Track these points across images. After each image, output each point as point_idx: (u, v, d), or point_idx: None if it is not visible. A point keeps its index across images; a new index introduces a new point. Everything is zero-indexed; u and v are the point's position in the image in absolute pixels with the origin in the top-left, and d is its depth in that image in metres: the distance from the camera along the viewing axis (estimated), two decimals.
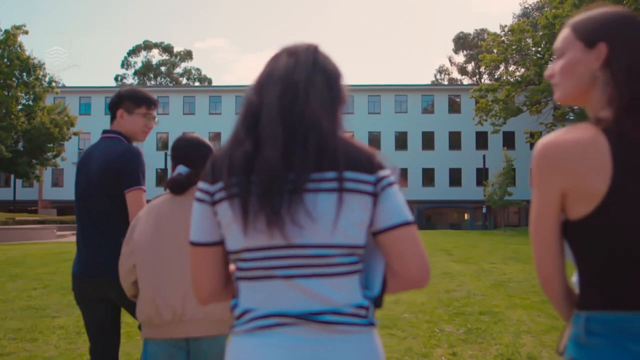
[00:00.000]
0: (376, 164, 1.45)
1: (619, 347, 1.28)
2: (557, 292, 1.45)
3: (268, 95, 1.43)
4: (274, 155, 1.35)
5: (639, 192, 1.30)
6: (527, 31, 42.74)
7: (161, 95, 55.38)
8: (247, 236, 1.37)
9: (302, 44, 1.57)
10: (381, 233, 1.41)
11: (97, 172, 2.97)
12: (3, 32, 34.36)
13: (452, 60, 76.83)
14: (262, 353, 1.36)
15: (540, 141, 1.45)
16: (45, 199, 51.87)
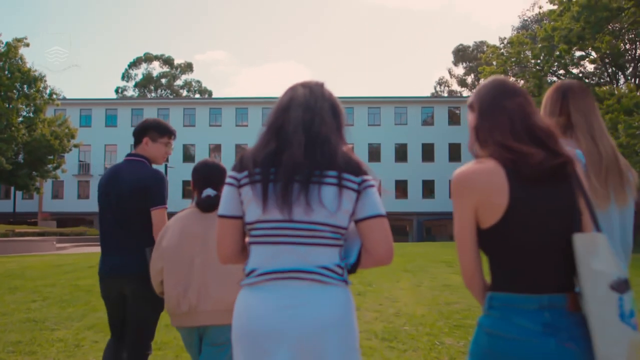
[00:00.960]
0: (362, 171, 1.98)
1: (506, 318, 1.80)
2: (477, 286, 1.92)
3: (293, 114, 1.99)
4: (298, 153, 1.91)
5: (529, 205, 1.80)
6: (526, 44, 42.87)
7: (161, 107, 55.52)
8: (263, 211, 1.90)
9: (312, 80, 2.13)
10: (360, 221, 1.94)
11: (128, 189, 3.50)
12: (4, 44, 34.49)
13: (452, 73, 77.26)
14: (255, 300, 1.90)
15: (456, 171, 1.89)
16: (45, 211, 51.81)
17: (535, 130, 1.89)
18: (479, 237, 1.87)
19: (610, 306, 1.72)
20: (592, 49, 39.74)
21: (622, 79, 45.14)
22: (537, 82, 41.30)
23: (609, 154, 2.44)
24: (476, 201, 1.83)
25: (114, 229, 3.55)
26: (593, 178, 2.39)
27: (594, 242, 1.78)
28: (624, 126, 27.61)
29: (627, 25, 36.70)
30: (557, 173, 1.85)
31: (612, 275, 1.74)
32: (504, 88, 2.01)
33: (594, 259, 1.76)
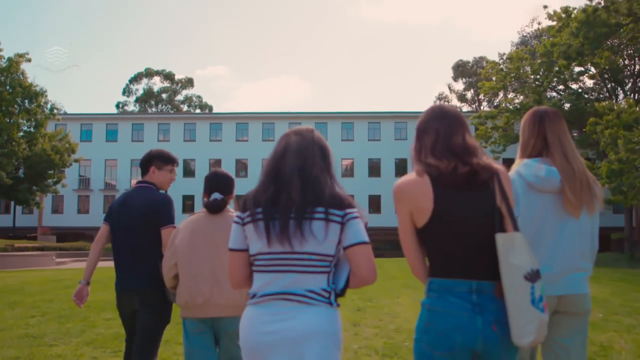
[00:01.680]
0: (346, 205, 2.28)
1: (442, 298, 2.23)
2: (421, 273, 2.36)
3: (287, 160, 2.34)
4: (295, 195, 2.25)
5: (451, 207, 2.24)
6: (526, 59, 43.02)
7: (162, 122, 55.65)
8: (266, 245, 2.26)
9: (303, 127, 2.53)
10: (346, 248, 2.25)
11: (140, 212, 3.96)
12: (6, 59, 34.63)
13: (452, 88, 77.35)
14: (255, 317, 2.27)
15: (395, 183, 2.36)
16: (45, 226, 51.75)
17: (454, 148, 2.35)
18: (418, 235, 2.33)
19: (523, 293, 2.15)
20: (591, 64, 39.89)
21: (622, 95, 45.26)
22: (536, 97, 41.42)
23: (580, 170, 2.80)
24: (410, 206, 2.30)
25: (126, 248, 4.00)
26: (568, 191, 2.75)
27: (513, 240, 2.19)
28: (624, 141, 27.62)
29: (626, 41, 36.85)
30: (474, 181, 2.28)
31: (526, 268, 2.16)
32: (435, 113, 2.49)
33: (512, 255, 2.17)
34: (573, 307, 2.83)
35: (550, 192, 2.78)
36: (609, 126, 29.86)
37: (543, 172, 2.78)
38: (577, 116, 40.94)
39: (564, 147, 2.86)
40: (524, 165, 2.86)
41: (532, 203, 2.78)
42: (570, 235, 2.79)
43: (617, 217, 47.75)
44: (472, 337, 2.17)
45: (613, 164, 28.62)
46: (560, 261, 2.77)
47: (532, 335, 2.12)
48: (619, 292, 12.68)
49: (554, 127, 2.93)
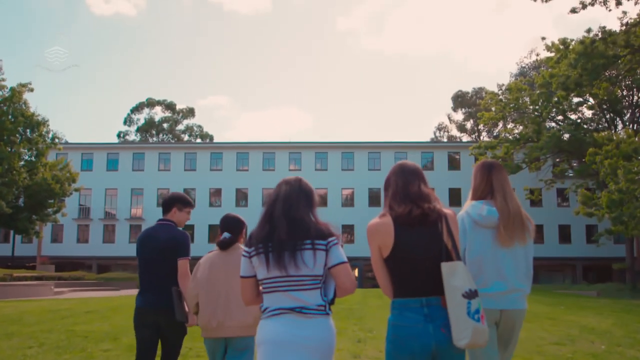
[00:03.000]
0: (328, 234, 2.95)
1: (401, 314, 2.91)
2: (388, 292, 3.02)
3: (278, 205, 3.03)
4: (283, 233, 2.94)
5: (407, 242, 2.91)
6: (524, 90, 43.34)
7: (163, 151, 55.82)
8: (267, 272, 2.93)
9: (292, 177, 3.15)
10: (331, 268, 2.94)
11: (162, 245, 4.73)
12: (9, 89, 34.88)
13: (451, 118, 77.75)
14: (270, 327, 2.91)
15: (369, 223, 3.04)
16: (44, 255, 51.53)
17: (410, 195, 3.04)
18: (385, 263, 2.99)
19: (461, 307, 2.82)
20: (590, 95, 40.21)
21: (620, 125, 45.44)
22: (535, 127, 41.61)
23: (515, 210, 3.54)
24: (378, 241, 2.98)
25: (148, 274, 4.76)
26: (501, 227, 3.48)
27: (454, 267, 2.88)
28: (624, 171, 27.67)
29: (624, 72, 37.20)
30: (425, 221, 2.96)
31: (464, 288, 2.85)
32: (396, 169, 3.23)
33: (453, 278, 2.86)
34: (512, 319, 3.52)
35: (490, 227, 3.51)
36: (608, 156, 29.95)
37: (485, 211, 3.53)
38: (576, 146, 41.07)
39: (504, 192, 3.61)
40: (472, 206, 3.62)
41: (476, 236, 3.52)
42: (507, 262, 3.50)
43: (618, 248, 47.57)
44: (427, 341, 2.84)
45: (613, 194, 28.63)
46: (500, 282, 3.47)
47: (467, 339, 2.79)
48: (622, 323, 12.57)
49: (498, 177, 3.68)
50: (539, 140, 40.83)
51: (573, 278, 51.50)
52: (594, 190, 40.01)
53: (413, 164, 3.25)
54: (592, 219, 38.10)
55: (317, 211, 3.12)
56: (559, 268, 53.79)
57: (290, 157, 54.54)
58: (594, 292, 33.23)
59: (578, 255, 51.39)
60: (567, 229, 52.19)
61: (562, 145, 41.78)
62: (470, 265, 3.43)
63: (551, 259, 51.73)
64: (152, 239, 4.80)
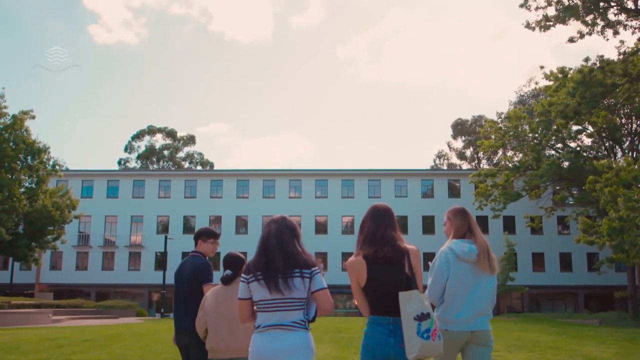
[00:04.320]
0: (312, 265, 3.61)
1: (373, 327, 3.67)
2: (365, 313, 3.75)
3: (272, 241, 3.69)
4: (279, 263, 3.58)
5: (376, 277, 3.65)
6: (524, 118, 43.55)
7: (163, 178, 55.90)
8: (265, 294, 3.56)
9: (278, 216, 3.84)
10: (313, 292, 3.58)
11: (189, 275, 5.43)
12: (10, 117, 35.06)
13: (451, 146, 78.00)
14: (260, 340, 3.55)
15: (348, 260, 3.77)
16: (43, 282, 51.29)
17: (376, 239, 3.75)
18: (362, 291, 3.74)
19: (412, 328, 3.53)
20: (589, 123, 40.39)
21: (620, 153, 45.57)
22: (535, 155, 41.72)
23: (488, 247, 4.29)
24: (355, 275, 3.73)
25: (181, 299, 5.44)
26: (483, 261, 4.20)
27: (410, 295, 3.59)
28: (624, 199, 27.66)
29: (622, 101, 37.39)
30: (389, 260, 3.68)
31: (416, 312, 3.54)
32: (370, 212, 3.90)
33: (408, 305, 3.56)
34: (480, 339, 4.20)
35: (470, 261, 4.20)
36: (608, 184, 29.97)
37: (467, 248, 4.22)
38: (576, 174, 41.15)
39: (479, 232, 4.35)
40: (454, 243, 4.30)
41: (458, 268, 4.19)
42: (478, 291, 4.20)
43: (619, 276, 47.35)
44: (387, 351, 3.61)
45: (614, 221, 28.58)
46: (473, 307, 4.16)
47: (415, 353, 3.49)
48: (624, 353, 12.45)
49: (472, 219, 4.47)
50: (538, 168, 40.91)
51: (575, 306, 51.17)
52: (594, 218, 39.96)
53: (385, 207, 3.93)
54: (593, 247, 37.98)
55: (302, 242, 3.78)
56: (561, 296, 53.48)
57: (291, 184, 54.60)
58: (596, 320, 33.00)
59: (579, 283, 51.12)
60: (568, 257, 52.01)
61: (562, 173, 41.86)
62: (449, 293, 4.17)
63: (552, 287, 51.48)
64: (182, 270, 5.59)
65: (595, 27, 29.86)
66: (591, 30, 29.84)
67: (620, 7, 29.63)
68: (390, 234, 3.76)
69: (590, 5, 29.09)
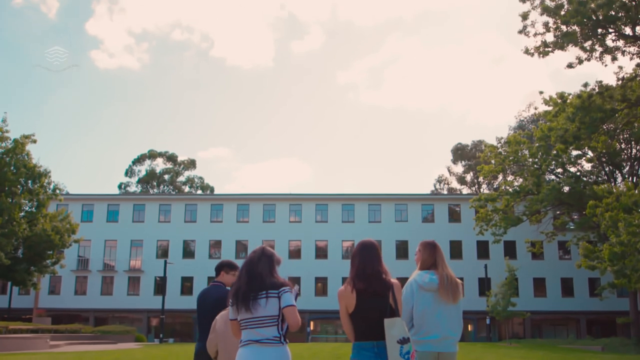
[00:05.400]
0: (279, 285, 4.17)
1: (359, 352, 4.21)
2: (351, 337, 4.25)
3: (246, 268, 4.34)
4: (243, 287, 4.25)
5: (364, 306, 4.19)
6: (523, 143, 43.66)
7: (163, 203, 55.86)
8: (239, 314, 4.22)
9: (259, 247, 4.48)
10: (282, 309, 4.11)
11: (212, 302, 5.95)
12: (12, 141, 35.15)
13: (451, 170, 78.06)
14: (242, 354, 4.18)
15: (338, 290, 4.31)
16: (41, 307, 50.96)
17: (366, 274, 4.28)
18: (349, 317, 4.25)
19: (396, 350, 4.04)
20: (589, 148, 40.47)
21: (620, 177, 45.60)
22: (535, 180, 41.76)
23: (450, 277, 4.80)
24: (345, 304, 4.25)
25: (205, 325, 5.86)
26: (442, 290, 4.72)
27: (394, 322, 4.12)
28: (624, 224, 27.60)
29: (622, 126, 37.53)
30: (376, 292, 4.21)
31: (399, 336, 4.07)
32: (360, 250, 4.43)
33: (392, 330, 4.09)
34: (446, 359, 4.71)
35: (431, 291, 4.74)
36: (608, 209, 29.93)
37: (427, 279, 4.78)
38: (576, 199, 41.12)
39: (443, 265, 4.87)
40: (418, 275, 4.89)
41: (421, 297, 4.74)
42: (443, 316, 4.70)
43: (621, 301, 47.05)
44: None
45: (615, 246, 28.49)
46: (439, 331, 4.67)
47: None
48: None
49: (440, 253, 4.97)
50: (539, 193, 40.91)
51: (577, 332, 50.77)
52: (595, 243, 39.83)
53: (372, 242, 4.51)
54: (595, 272, 37.84)
55: (277, 270, 4.35)
56: (563, 322, 53.08)
57: (291, 209, 54.55)
58: (599, 346, 32.71)
59: (581, 309, 50.78)
60: (570, 282, 51.74)
61: (562, 198, 41.84)
62: (416, 318, 4.70)
63: (554, 313, 51.12)
64: (206, 297, 6.20)
65: (594, 53, 30.08)
66: (590, 56, 30.05)
67: (618, 33, 29.89)
68: (378, 268, 4.33)
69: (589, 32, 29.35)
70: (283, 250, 51.59)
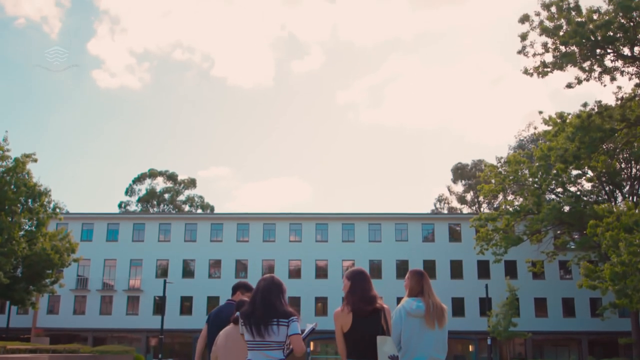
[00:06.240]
0: (289, 314, 4.68)
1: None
2: (344, 356, 4.83)
3: (258, 294, 4.83)
4: (258, 313, 4.71)
5: (359, 327, 4.80)
6: (523, 162, 43.73)
7: (163, 222, 55.78)
8: (250, 337, 4.72)
9: (267, 275, 4.98)
10: (289, 336, 4.66)
11: (225, 321, 6.03)
12: (13, 160, 35.21)
13: (451, 190, 78.05)
14: None
15: (335, 311, 4.92)
16: (39, 327, 50.65)
17: (360, 298, 4.85)
18: (343, 336, 4.78)
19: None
20: (589, 167, 40.54)
21: (620, 197, 45.57)
22: (535, 199, 41.74)
23: (436, 305, 5.15)
24: (341, 323, 4.79)
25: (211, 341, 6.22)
26: (427, 316, 5.04)
27: (385, 340, 4.70)
28: (625, 244, 27.56)
29: (621, 145, 37.64)
30: (369, 314, 4.79)
31: (390, 352, 4.66)
32: (354, 277, 5.04)
33: (384, 347, 4.66)
34: None
35: (418, 317, 5.06)
36: (609, 228, 29.90)
37: (414, 306, 5.10)
38: (577, 218, 41.07)
39: (430, 293, 5.20)
40: (406, 302, 5.19)
41: (409, 322, 5.06)
42: (429, 340, 5.03)
43: (623, 321, 46.75)
44: None
45: (616, 266, 28.42)
46: (425, 353, 4.99)
47: None
48: None
49: (427, 281, 5.29)
50: (539, 213, 40.88)
51: (579, 353, 50.40)
52: (596, 263, 39.73)
53: (363, 270, 5.16)
54: (596, 291, 37.65)
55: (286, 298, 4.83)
56: (564, 342, 52.70)
57: (291, 228, 54.45)
58: None
59: (583, 329, 50.44)
60: (571, 302, 51.46)
61: (562, 217, 41.80)
62: (404, 343, 5.00)
63: (556, 333, 50.78)
64: (219, 315, 6.56)
65: (593, 73, 30.29)
66: (589, 76, 30.25)
67: (617, 54, 30.10)
68: (372, 293, 4.93)
69: (587, 52, 29.56)
70: (283, 269, 51.40)
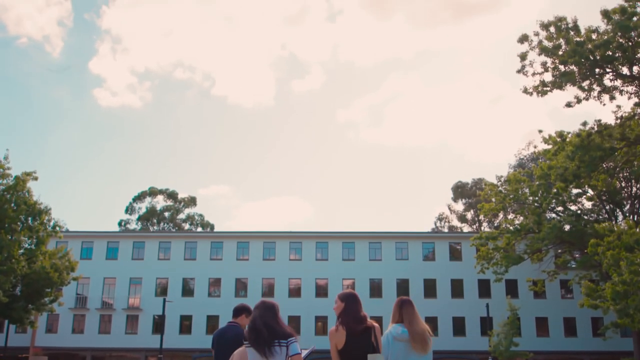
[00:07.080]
0: (287, 335, 5.22)
1: None
2: None
3: (257, 322, 5.29)
4: (264, 336, 5.20)
5: (352, 345, 5.32)
6: (524, 181, 43.75)
7: (163, 240, 55.68)
8: (252, 357, 5.24)
9: (260, 301, 5.50)
10: (290, 357, 5.16)
11: (230, 341, 6.62)
12: (13, 178, 35.24)
13: (452, 208, 77.96)
14: None
15: (330, 330, 5.49)
16: (38, 346, 50.31)
17: (353, 319, 5.35)
18: (338, 353, 5.32)
19: None
20: (589, 186, 40.56)
21: (621, 216, 45.52)
22: (536, 218, 41.68)
23: (419, 330, 5.65)
24: (335, 341, 5.34)
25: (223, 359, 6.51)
26: (412, 341, 5.55)
27: (375, 357, 5.21)
28: (626, 263, 27.48)
29: (621, 164, 37.69)
30: (361, 333, 5.32)
31: None
32: (347, 299, 5.49)
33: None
34: None
35: (403, 341, 5.58)
36: (610, 247, 29.82)
37: (400, 332, 5.63)
38: (577, 237, 40.98)
39: (410, 320, 5.70)
40: (393, 327, 5.72)
41: (395, 346, 5.59)
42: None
43: (625, 341, 46.46)
44: None
45: (617, 285, 28.30)
46: None
47: None
48: None
49: (406, 310, 5.80)
50: (539, 231, 40.80)
51: None
52: (597, 282, 39.56)
53: (355, 294, 5.60)
54: (598, 311, 37.46)
55: (280, 317, 5.27)
56: None
57: (291, 246, 54.31)
58: None
59: (584, 349, 50.09)
60: (572, 321, 51.16)
61: (563, 236, 41.71)
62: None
63: (557, 353, 50.41)
64: (223, 336, 6.88)
65: (592, 93, 30.43)
66: (588, 95, 30.38)
67: (616, 73, 30.26)
68: (361, 314, 5.42)
69: (586, 72, 29.72)
70: (283, 288, 51.20)
